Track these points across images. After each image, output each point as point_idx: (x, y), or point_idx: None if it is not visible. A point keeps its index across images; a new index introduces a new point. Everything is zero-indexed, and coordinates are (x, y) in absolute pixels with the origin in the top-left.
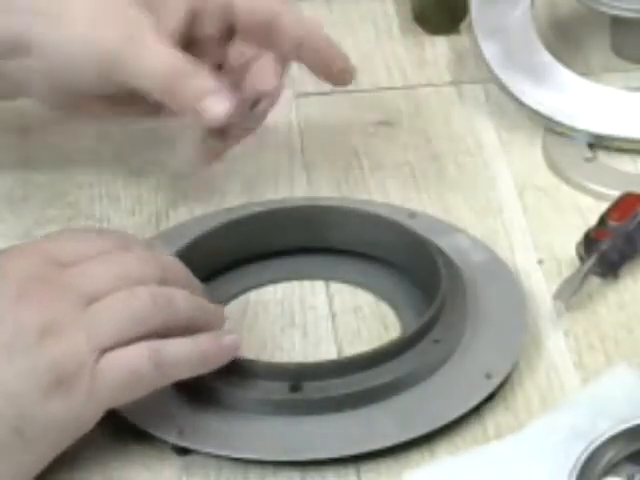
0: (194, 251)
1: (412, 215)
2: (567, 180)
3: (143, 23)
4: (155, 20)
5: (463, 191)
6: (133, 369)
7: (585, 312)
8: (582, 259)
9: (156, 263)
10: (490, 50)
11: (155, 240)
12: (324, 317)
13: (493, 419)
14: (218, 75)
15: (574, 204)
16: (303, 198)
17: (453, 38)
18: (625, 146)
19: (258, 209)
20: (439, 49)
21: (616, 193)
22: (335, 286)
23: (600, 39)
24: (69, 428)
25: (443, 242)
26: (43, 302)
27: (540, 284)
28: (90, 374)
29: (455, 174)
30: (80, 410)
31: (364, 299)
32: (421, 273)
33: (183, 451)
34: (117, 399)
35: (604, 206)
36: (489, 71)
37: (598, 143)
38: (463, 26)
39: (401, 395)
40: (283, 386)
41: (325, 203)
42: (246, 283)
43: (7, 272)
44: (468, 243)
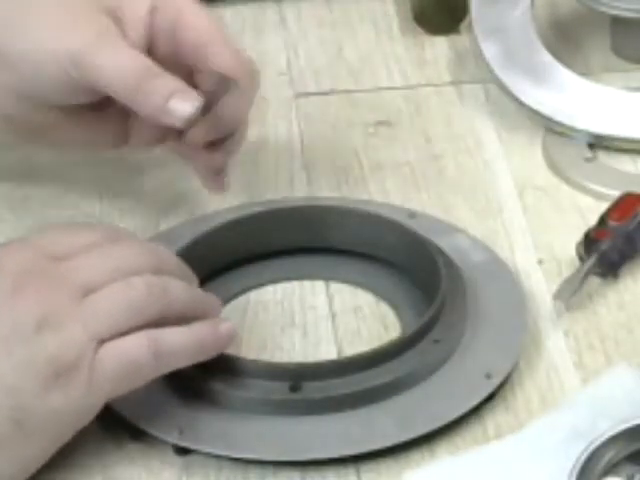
0: (194, 251)
1: (412, 215)
2: (567, 180)
3: (109, 27)
4: (120, 29)
5: (463, 191)
6: (132, 359)
7: (585, 312)
8: (582, 259)
9: (150, 254)
10: (490, 50)
11: (155, 240)
12: (324, 317)
13: (493, 419)
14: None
15: (574, 204)
16: (303, 198)
17: (453, 38)
18: (625, 146)
19: (258, 209)
20: (439, 49)
21: (616, 193)
22: (335, 286)
23: (600, 39)
24: (69, 420)
25: (443, 242)
26: (40, 295)
27: (540, 284)
28: (89, 365)
29: (455, 174)
30: (80, 401)
31: (364, 299)
32: (421, 273)
33: (183, 451)
34: (116, 389)
35: (604, 206)
36: (489, 71)
37: (598, 143)
38: (463, 26)
39: (401, 395)
40: (283, 386)
41: (325, 203)
42: (246, 283)
43: (3, 266)
44: (468, 243)
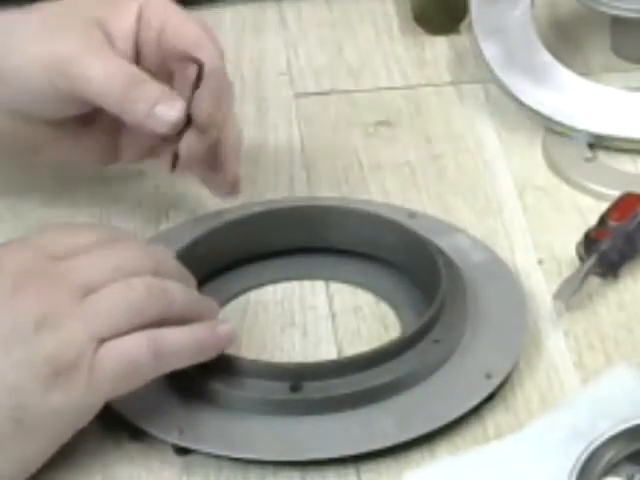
0: (194, 251)
1: (412, 215)
2: (567, 180)
3: (95, 37)
4: (107, 39)
5: (463, 191)
6: (132, 358)
7: (585, 312)
8: (582, 259)
9: (149, 255)
10: (490, 50)
11: (155, 240)
12: (324, 317)
13: (493, 419)
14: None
15: (574, 204)
16: (303, 198)
17: (453, 38)
18: (625, 146)
19: (258, 209)
20: (439, 49)
21: (616, 193)
22: (335, 286)
23: (600, 39)
24: (69, 419)
25: (443, 242)
26: (39, 294)
27: (540, 284)
28: (89, 364)
29: (455, 174)
30: (80, 400)
31: (364, 299)
32: (421, 273)
33: (183, 451)
34: (116, 389)
35: (604, 206)
36: (489, 71)
37: (598, 143)
38: (463, 26)
39: (401, 395)
40: (283, 386)
41: (325, 203)
42: (246, 283)
43: (3, 266)
44: (468, 243)
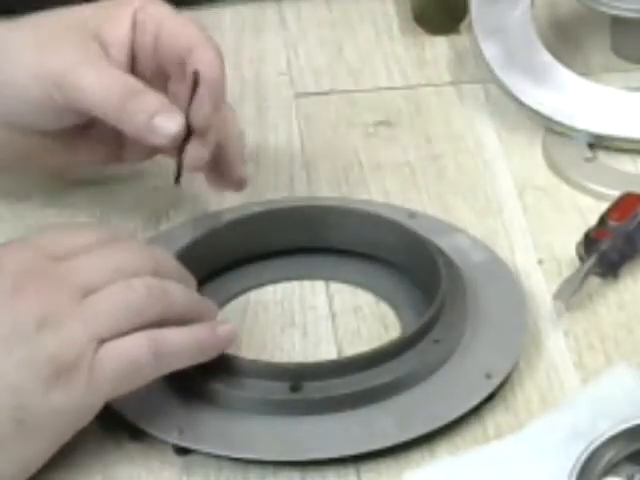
0: (194, 251)
1: (412, 215)
2: (567, 180)
3: (90, 48)
4: (103, 49)
5: (463, 191)
6: (132, 359)
7: (585, 312)
8: (582, 259)
9: (149, 255)
10: (490, 50)
11: (155, 240)
12: (324, 317)
13: (493, 419)
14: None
15: (574, 204)
16: (303, 198)
17: (453, 38)
18: (625, 146)
19: (258, 209)
20: (439, 49)
21: (616, 193)
22: (335, 286)
23: (600, 39)
24: (69, 419)
25: (443, 242)
26: (40, 294)
27: (540, 284)
28: (89, 365)
29: (455, 174)
30: (80, 401)
31: (364, 299)
32: (421, 273)
33: (183, 451)
34: (116, 389)
35: (604, 206)
36: (489, 71)
37: (598, 143)
38: (463, 26)
39: (401, 395)
40: (283, 386)
41: (325, 203)
42: (246, 283)
43: (3, 266)
44: (468, 243)
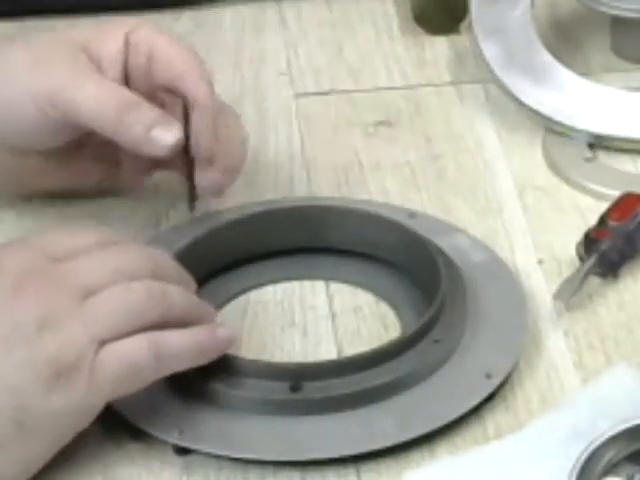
0: (194, 251)
1: (412, 215)
2: (567, 180)
3: (84, 63)
4: (96, 65)
5: (463, 191)
6: (132, 361)
7: (585, 312)
8: (582, 259)
9: (148, 257)
10: (490, 50)
11: (155, 240)
12: (324, 317)
13: (493, 419)
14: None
15: (574, 204)
16: (303, 198)
17: (453, 38)
18: (625, 146)
19: (258, 209)
20: (439, 49)
21: (616, 193)
22: (335, 286)
23: (600, 39)
24: (70, 421)
25: (443, 242)
26: (40, 295)
27: (540, 284)
28: (89, 366)
29: (455, 174)
30: (80, 402)
31: (364, 299)
32: (421, 273)
33: (183, 451)
34: (117, 391)
35: (604, 206)
36: (489, 71)
37: (598, 143)
38: (463, 26)
39: (401, 395)
40: (283, 386)
41: (325, 203)
42: (246, 283)
43: (3, 267)
44: (468, 243)
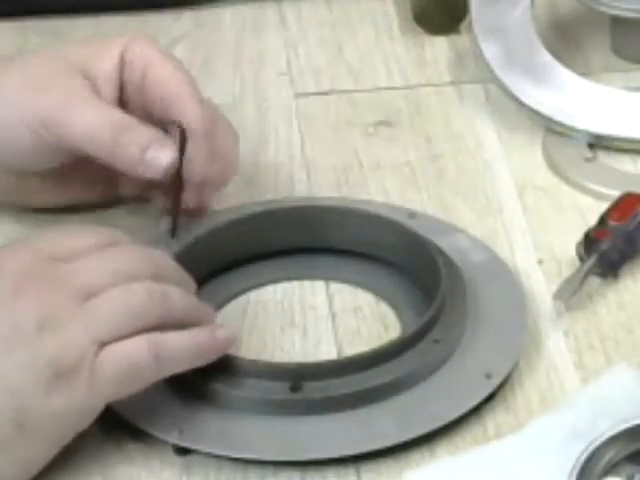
0: (194, 251)
1: (412, 215)
2: (567, 180)
3: (78, 85)
4: (92, 86)
5: (463, 191)
6: (133, 362)
7: (585, 312)
8: (582, 259)
9: (148, 258)
10: (490, 50)
11: (155, 240)
12: (324, 317)
13: (493, 419)
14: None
15: (574, 204)
16: (303, 198)
17: (453, 38)
18: (625, 146)
19: (258, 209)
20: (439, 49)
21: (616, 193)
22: (335, 286)
23: (600, 39)
24: (70, 422)
25: (443, 242)
26: (40, 296)
27: (540, 284)
28: (89, 367)
29: (455, 174)
30: (80, 403)
31: (364, 299)
32: (421, 273)
33: (183, 451)
34: (117, 392)
35: (604, 206)
36: (489, 71)
37: (598, 143)
38: (463, 26)
39: (401, 395)
40: (283, 386)
41: (325, 203)
42: (246, 283)
43: (3, 268)
44: (468, 243)
